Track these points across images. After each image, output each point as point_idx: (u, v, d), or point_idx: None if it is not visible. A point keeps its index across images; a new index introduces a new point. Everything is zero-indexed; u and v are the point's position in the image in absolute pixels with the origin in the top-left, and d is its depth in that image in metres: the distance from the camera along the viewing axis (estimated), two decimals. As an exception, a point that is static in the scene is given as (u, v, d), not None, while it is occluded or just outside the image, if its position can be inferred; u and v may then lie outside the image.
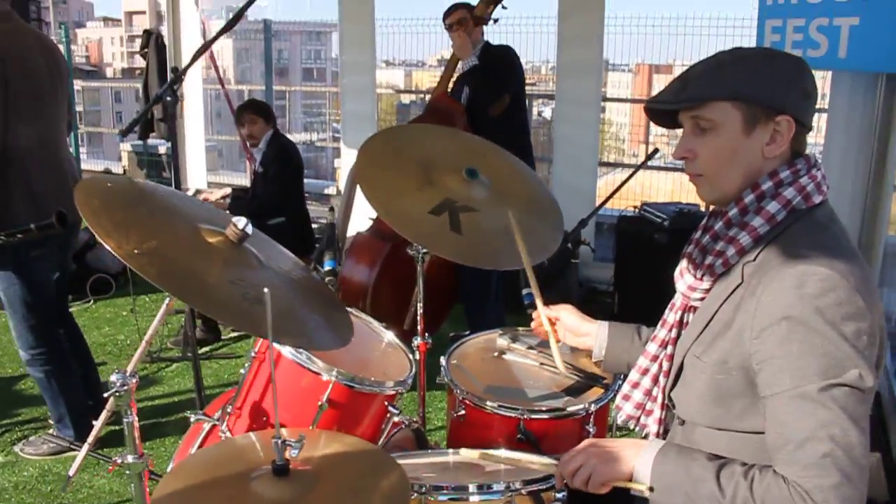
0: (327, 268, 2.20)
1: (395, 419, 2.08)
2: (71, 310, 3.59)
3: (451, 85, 4.52)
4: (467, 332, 2.52)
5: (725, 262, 1.44)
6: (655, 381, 1.60)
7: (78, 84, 13.10)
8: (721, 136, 1.42)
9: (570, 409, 2.03)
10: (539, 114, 9.92)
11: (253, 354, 1.92)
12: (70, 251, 3.41)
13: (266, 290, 1.22)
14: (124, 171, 10.47)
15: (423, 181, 2.24)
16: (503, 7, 4.37)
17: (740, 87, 1.39)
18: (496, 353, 2.34)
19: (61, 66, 3.21)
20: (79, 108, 13.01)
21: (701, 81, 1.43)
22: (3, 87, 2.88)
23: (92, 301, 5.39)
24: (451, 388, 2.14)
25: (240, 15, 2.52)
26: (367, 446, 1.49)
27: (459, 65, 4.47)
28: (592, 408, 2.02)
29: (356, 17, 6.32)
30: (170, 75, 7.11)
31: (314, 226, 5.87)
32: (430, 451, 1.98)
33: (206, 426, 2.07)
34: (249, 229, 1.53)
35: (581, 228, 3.04)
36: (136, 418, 1.63)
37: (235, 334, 4.80)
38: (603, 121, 9.94)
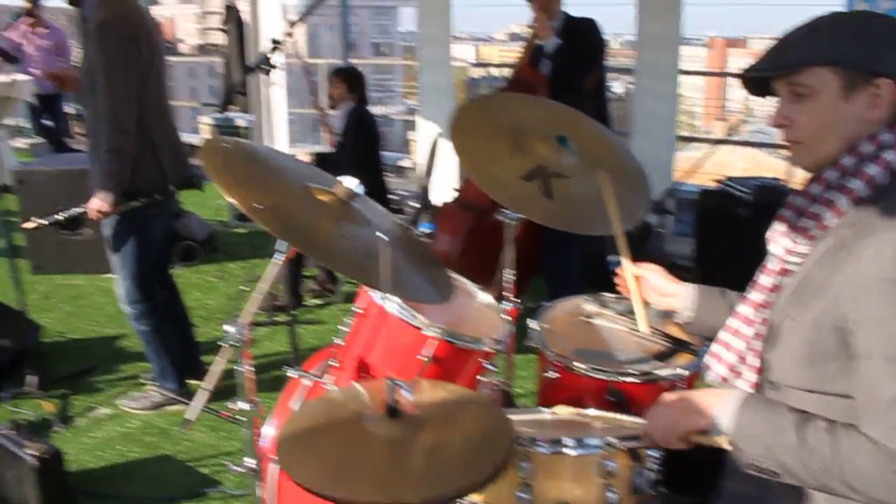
0: (423, 229, 2.27)
1: (483, 379, 2.16)
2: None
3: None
4: (547, 303, 2.56)
5: (822, 225, 1.45)
6: (748, 343, 1.62)
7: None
8: (819, 102, 1.42)
9: (660, 373, 2.06)
10: (608, 88, 9.77)
11: (356, 310, 2.01)
12: (174, 215, 3.62)
13: (384, 237, 1.30)
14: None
15: (513, 148, 2.30)
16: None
17: (837, 52, 1.39)
18: (584, 318, 2.39)
19: (162, 40, 3.42)
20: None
21: (797, 47, 1.43)
22: (136, 57, 3.12)
23: (180, 267, 5.61)
24: (542, 351, 2.20)
25: None
26: (470, 394, 1.56)
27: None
28: (682, 373, 2.05)
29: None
30: (264, 46, 7.29)
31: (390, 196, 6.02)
32: (525, 409, 2.04)
33: (306, 381, 2.17)
34: (359, 189, 1.61)
35: (667, 196, 3.05)
36: (246, 368, 1.72)
37: (316, 301, 4.96)
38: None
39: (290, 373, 2.23)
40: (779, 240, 1.54)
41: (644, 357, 2.17)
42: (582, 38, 4.16)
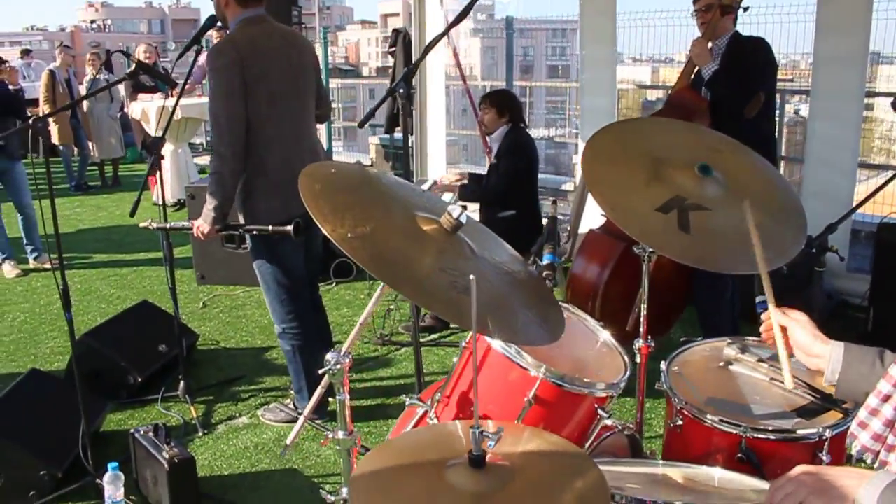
0: (546, 261, 2.15)
1: (607, 422, 2.00)
2: (316, 292, 3.86)
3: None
4: (699, 338, 2.36)
5: None
6: None
7: (336, 82, 14.10)
8: None
9: (801, 431, 1.83)
10: (795, 112, 9.16)
11: (464, 344, 1.92)
12: (317, 238, 3.63)
13: (472, 277, 1.21)
14: (372, 163, 11.13)
15: (651, 177, 2.13)
16: (751, -7, 4.08)
17: None
18: (722, 363, 2.18)
19: (306, 62, 3.41)
20: (337, 105, 14.03)
21: None
22: (241, 86, 3.14)
23: (334, 283, 5.76)
24: (669, 396, 2.02)
25: (468, 9, 2.53)
26: (569, 447, 1.43)
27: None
28: (827, 433, 1.81)
29: (597, 12, 6.21)
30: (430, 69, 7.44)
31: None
32: (641, 460, 1.87)
33: (420, 411, 2.11)
34: (464, 218, 1.52)
35: (829, 233, 2.75)
36: (348, 396, 1.68)
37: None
38: (870, 119, 8.94)
39: (408, 401, 2.18)
40: None
41: (785, 412, 1.94)
42: (742, 62, 3.86)
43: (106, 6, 77.95)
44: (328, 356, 1.71)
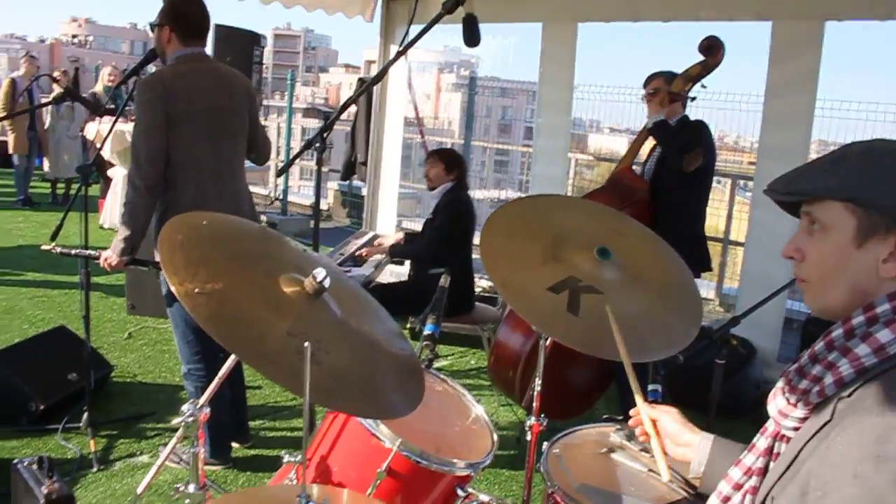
0: (427, 331, 2.13)
1: (483, 498, 1.97)
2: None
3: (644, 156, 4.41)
4: (620, 417, 2.35)
5: (822, 392, 1.19)
6: None
7: (306, 122, 14.14)
8: (828, 241, 1.20)
9: (664, 528, 1.82)
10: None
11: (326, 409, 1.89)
12: None
13: (307, 344, 1.19)
14: (328, 208, 11.12)
15: (548, 256, 2.14)
16: (702, 86, 4.19)
17: (857, 188, 1.16)
18: (605, 450, 2.16)
19: (238, 104, 3.38)
20: (297, 153, 14.01)
21: (817, 173, 1.22)
22: (163, 121, 3.12)
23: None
24: (545, 480, 2.00)
25: (408, 46, 2.56)
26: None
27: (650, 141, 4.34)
28: (686, 533, 1.79)
29: (554, 80, 6.32)
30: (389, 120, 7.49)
31: (485, 284, 5.91)
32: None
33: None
34: (327, 283, 1.50)
35: (732, 326, 2.78)
36: (203, 450, 1.64)
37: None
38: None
39: (285, 458, 2.13)
40: (776, 399, 1.31)
41: (653, 507, 1.92)
42: (687, 127, 4.03)
43: (90, 23, 77.91)
44: (183, 407, 1.67)
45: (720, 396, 3.00)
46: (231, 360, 1.84)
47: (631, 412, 1.85)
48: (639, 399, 1.84)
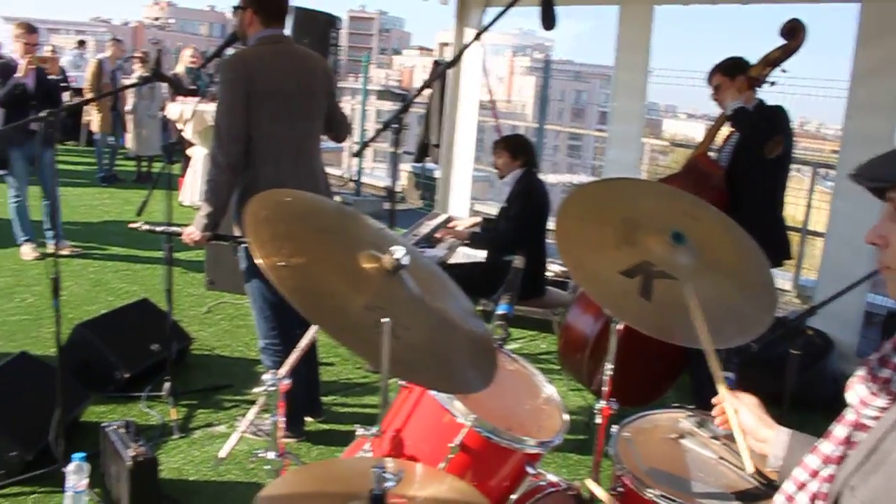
0: (500, 311, 2.15)
1: (552, 479, 2.01)
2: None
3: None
4: (692, 406, 2.34)
5: None
6: (813, 501, 1.37)
7: (381, 105, 14.28)
8: None
9: (733, 514, 1.81)
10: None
11: (402, 383, 1.94)
12: None
13: (386, 319, 1.23)
14: (401, 190, 11.20)
15: (622, 240, 2.13)
16: (783, 71, 4.08)
17: None
18: (675, 435, 2.16)
19: (316, 85, 3.45)
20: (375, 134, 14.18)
21: None
22: (244, 101, 3.21)
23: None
24: (614, 462, 2.01)
25: (485, 28, 2.59)
26: (480, 500, 1.44)
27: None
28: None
29: (630, 65, 6.24)
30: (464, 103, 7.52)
31: (557, 269, 5.89)
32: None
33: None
34: (406, 260, 1.54)
35: (809, 316, 2.72)
36: (283, 418, 1.70)
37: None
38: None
39: (358, 431, 2.19)
40: (856, 387, 1.30)
41: (725, 493, 1.92)
42: (765, 112, 3.94)
43: (171, 5, 79.86)
44: (264, 376, 1.74)
45: (795, 389, 2.95)
46: (310, 334, 1.90)
47: (713, 400, 1.84)
48: (721, 387, 1.83)
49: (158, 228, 3.58)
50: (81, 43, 16.06)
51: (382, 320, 1.22)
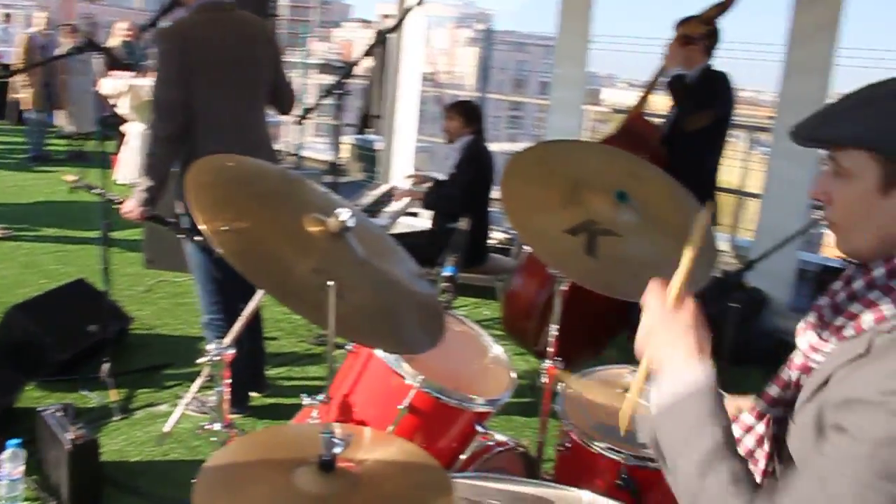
0: (446, 273, 2.15)
1: (501, 438, 2.01)
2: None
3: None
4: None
5: (858, 328, 1.20)
6: (760, 443, 1.40)
7: (322, 78, 14.06)
8: (853, 188, 1.18)
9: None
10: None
11: (349, 347, 1.92)
12: None
13: (331, 282, 1.20)
14: (343, 162, 11.08)
15: (568, 199, 2.14)
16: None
17: (882, 137, 1.13)
18: (620, 390, 2.19)
19: (259, 53, 3.35)
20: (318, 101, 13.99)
21: (839, 119, 1.19)
22: (182, 72, 3.10)
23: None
24: (561, 418, 2.03)
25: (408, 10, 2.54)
26: (428, 460, 1.43)
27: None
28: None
29: (572, 32, 6.25)
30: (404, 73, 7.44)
31: (499, 236, 5.91)
32: (518, 478, 1.87)
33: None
34: (352, 222, 1.51)
35: (746, 271, 2.78)
36: (228, 388, 1.66)
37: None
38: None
39: (305, 400, 2.17)
40: (806, 333, 1.32)
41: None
42: (707, 80, 4.02)
43: (101, -21, 77.19)
44: (209, 346, 1.70)
45: (732, 344, 3.01)
46: (255, 301, 1.86)
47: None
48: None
49: (94, 189, 3.47)
50: (7, 16, 15.41)
51: (328, 283, 1.19)
